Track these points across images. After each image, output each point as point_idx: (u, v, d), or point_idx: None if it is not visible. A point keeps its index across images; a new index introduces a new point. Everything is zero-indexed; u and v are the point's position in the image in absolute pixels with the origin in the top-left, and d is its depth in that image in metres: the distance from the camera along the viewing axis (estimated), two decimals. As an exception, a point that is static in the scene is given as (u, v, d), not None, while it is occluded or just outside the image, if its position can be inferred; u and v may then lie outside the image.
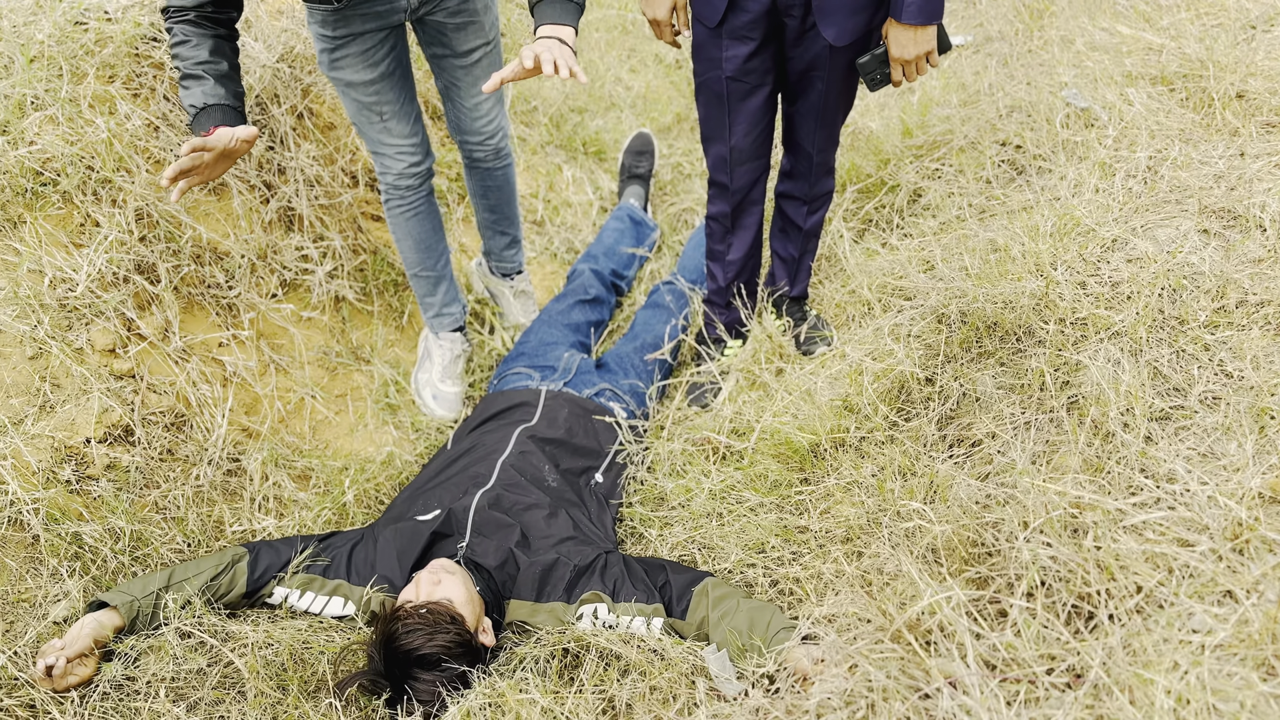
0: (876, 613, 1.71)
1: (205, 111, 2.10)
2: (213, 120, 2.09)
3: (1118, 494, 1.87)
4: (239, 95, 2.16)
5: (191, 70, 2.11)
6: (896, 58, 2.32)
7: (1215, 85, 2.75)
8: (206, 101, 2.10)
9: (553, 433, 2.62)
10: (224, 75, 2.13)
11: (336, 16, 2.43)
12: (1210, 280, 2.18)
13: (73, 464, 2.28)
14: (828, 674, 1.71)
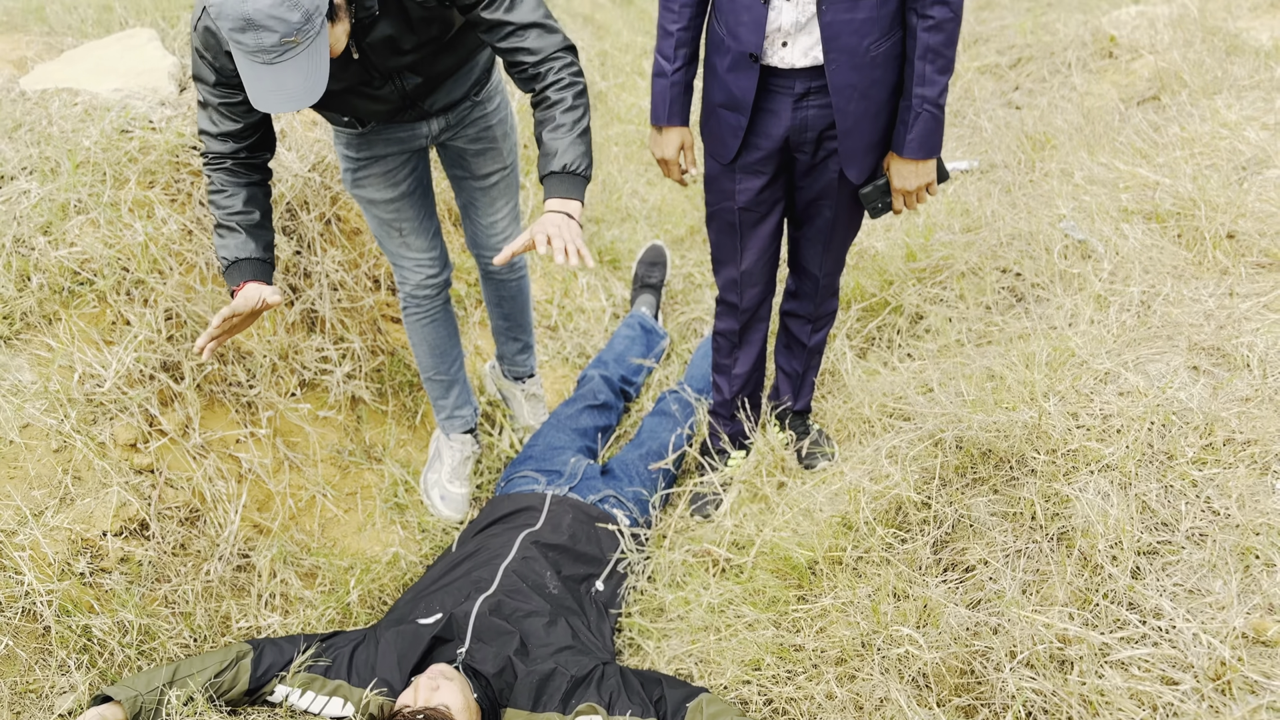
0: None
1: (237, 265, 2.23)
2: (244, 274, 2.22)
3: (1104, 627, 1.91)
4: (269, 245, 2.29)
5: (226, 221, 2.24)
6: (899, 188, 2.43)
7: (1207, 224, 2.86)
8: (239, 256, 2.22)
9: (556, 538, 2.68)
10: (255, 225, 2.26)
11: (361, 139, 2.56)
12: (1199, 417, 2.24)
13: (88, 556, 2.35)
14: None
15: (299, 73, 1.89)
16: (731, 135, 2.46)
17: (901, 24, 2.27)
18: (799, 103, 2.37)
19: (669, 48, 2.46)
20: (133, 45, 3.33)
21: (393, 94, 2.37)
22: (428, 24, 2.20)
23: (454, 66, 2.41)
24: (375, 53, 2.20)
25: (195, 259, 2.80)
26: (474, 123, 2.64)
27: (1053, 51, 4.65)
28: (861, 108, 2.32)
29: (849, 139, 2.36)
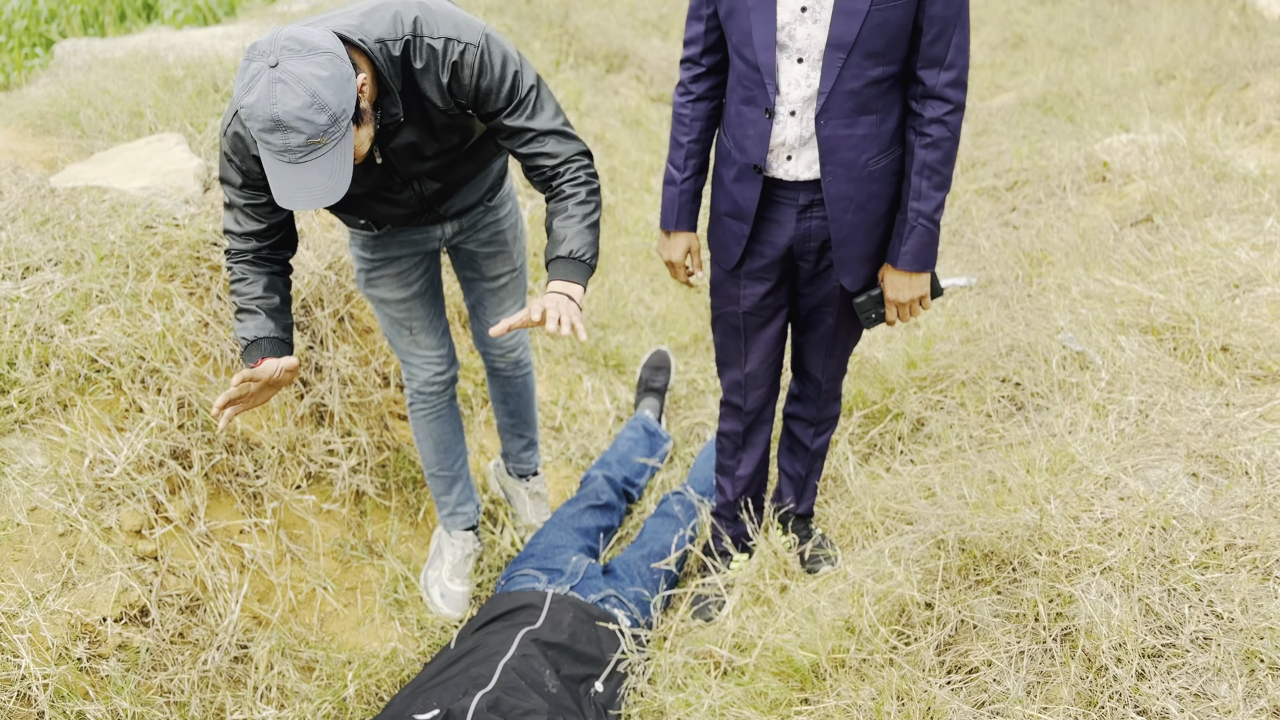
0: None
1: (255, 344, 2.27)
2: (261, 352, 2.26)
3: None
4: (288, 328, 2.34)
5: (246, 305, 2.30)
6: (892, 300, 2.49)
7: (1202, 338, 2.92)
8: (258, 335, 2.27)
9: (556, 637, 2.66)
10: (275, 309, 2.31)
11: (376, 241, 2.63)
12: (1199, 522, 2.26)
13: (86, 641, 2.34)
14: None
15: (323, 173, 1.96)
16: (735, 243, 2.54)
17: (901, 141, 2.37)
18: (803, 213, 2.45)
19: (680, 158, 2.56)
20: (161, 148, 3.46)
21: (411, 199, 2.45)
22: (450, 131, 2.29)
23: (471, 173, 2.51)
24: (398, 159, 2.28)
25: (210, 350, 2.85)
26: (486, 227, 2.72)
27: (1048, 175, 4.80)
28: (858, 219, 2.40)
29: (843, 248, 2.43)
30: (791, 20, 2.20)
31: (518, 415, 3.24)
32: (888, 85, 2.26)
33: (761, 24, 2.22)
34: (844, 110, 2.26)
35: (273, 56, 1.86)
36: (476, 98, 2.19)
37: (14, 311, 2.66)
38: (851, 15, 2.14)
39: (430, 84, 2.15)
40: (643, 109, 6.17)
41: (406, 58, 2.12)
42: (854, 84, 2.21)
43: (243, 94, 1.89)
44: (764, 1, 2.20)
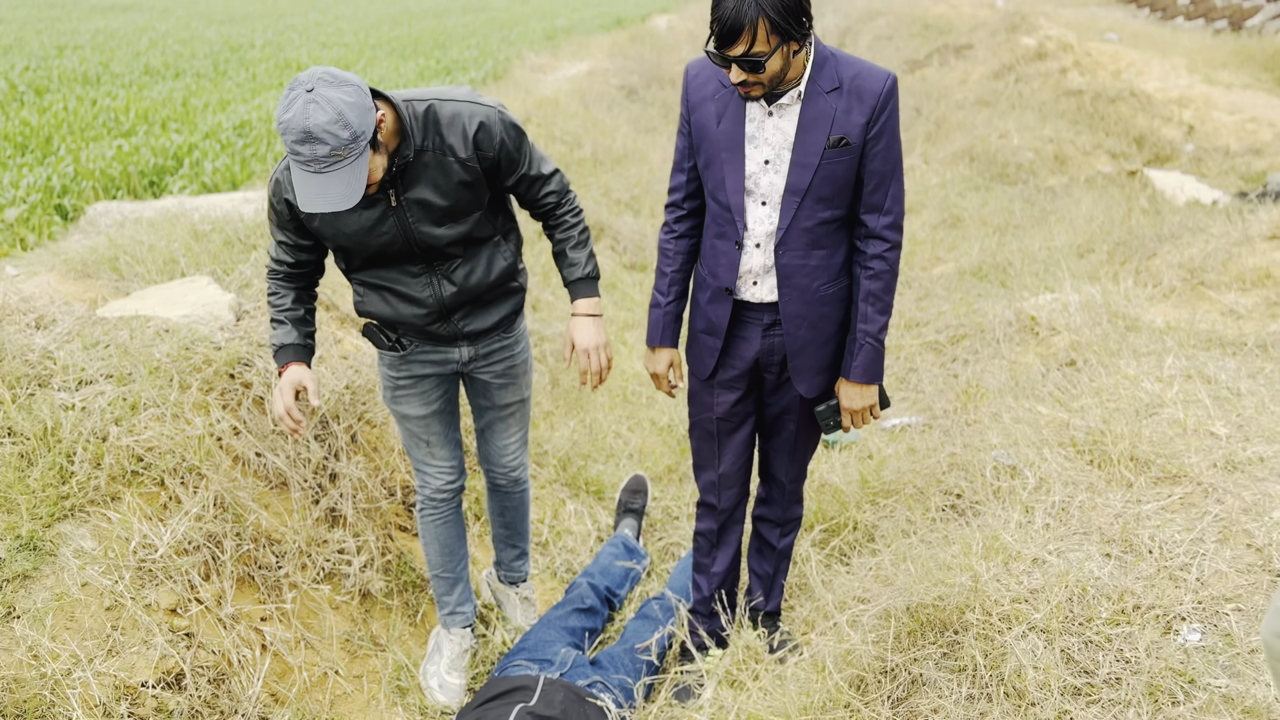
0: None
1: (283, 349, 2.84)
2: (287, 356, 2.84)
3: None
4: (310, 335, 2.92)
5: (277, 316, 2.86)
6: (846, 408, 2.91)
7: (1113, 449, 3.36)
8: (285, 342, 2.84)
9: (549, 712, 2.92)
10: (299, 320, 2.88)
11: (402, 361, 3.03)
12: (1110, 588, 2.63)
13: (128, 702, 2.59)
14: None
15: (341, 182, 2.39)
16: (709, 355, 2.98)
17: (848, 273, 2.85)
18: (767, 331, 2.90)
19: (664, 285, 3.01)
20: (194, 287, 3.89)
21: (430, 298, 2.84)
22: (460, 191, 2.70)
23: (487, 290, 2.92)
24: (410, 211, 2.69)
25: (242, 452, 3.20)
26: (501, 360, 3.11)
27: (983, 330, 5.34)
28: (810, 335, 2.85)
29: (797, 359, 2.87)
30: (757, 170, 2.70)
31: (512, 527, 3.56)
32: (836, 226, 2.75)
33: (733, 173, 2.72)
34: (799, 244, 2.74)
35: (310, 84, 2.33)
36: (501, 158, 2.73)
37: (71, 416, 3.01)
38: (805, 168, 2.65)
39: (456, 136, 2.64)
40: (618, 274, 6.74)
41: (431, 113, 2.63)
42: (807, 223, 2.70)
43: (282, 112, 2.34)
44: (735, 156, 2.72)
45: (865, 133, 2.64)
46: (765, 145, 2.68)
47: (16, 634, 2.53)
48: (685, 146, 2.86)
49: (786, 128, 2.67)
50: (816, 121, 2.64)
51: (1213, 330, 4.66)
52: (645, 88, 11.30)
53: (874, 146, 2.66)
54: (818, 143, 2.64)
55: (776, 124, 2.67)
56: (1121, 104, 10.32)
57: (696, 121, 2.79)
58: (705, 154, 2.77)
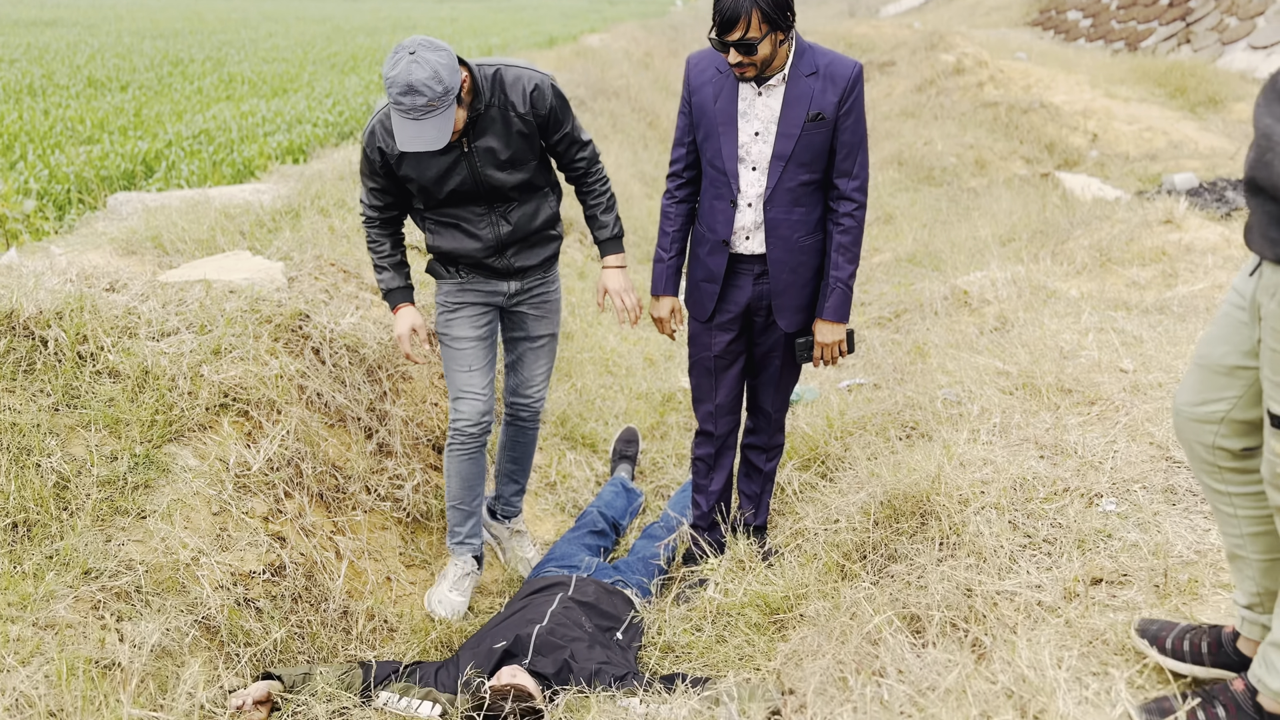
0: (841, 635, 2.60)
1: (392, 292, 3.50)
2: (396, 300, 3.51)
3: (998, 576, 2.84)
4: (408, 275, 3.55)
5: (380, 263, 3.50)
6: (819, 341, 3.50)
7: (1041, 383, 4.03)
8: (393, 286, 3.50)
9: (584, 598, 3.47)
10: (398, 264, 3.53)
11: (458, 288, 3.56)
12: (1045, 478, 3.28)
13: (243, 586, 3.08)
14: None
15: (434, 127, 3.02)
16: (709, 300, 3.55)
17: (822, 228, 3.45)
18: (757, 279, 3.49)
19: (667, 243, 3.59)
20: (241, 258, 4.37)
21: (490, 235, 3.42)
22: (520, 141, 3.32)
23: (535, 233, 3.49)
24: (479, 157, 3.29)
25: (312, 389, 3.70)
26: (540, 294, 3.69)
27: (922, 304, 6.04)
28: (790, 279, 3.44)
29: (780, 298, 3.46)
30: (748, 140, 3.30)
31: (519, 463, 4.06)
32: (813, 187, 3.36)
33: (729, 143, 3.32)
34: (783, 202, 3.34)
35: (412, 47, 2.96)
36: (550, 117, 3.33)
37: (165, 359, 3.49)
38: (789, 137, 3.26)
39: (517, 94, 3.26)
40: (587, 265, 7.32)
41: (497, 75, 3.25)
42: (790, 184, 3.31)
43: (389, 69, 2.97)
44: (730, 128, 3.31)
45: (838, 110, 3.26)
46: (755, 119, 3.28)
47: (150, 528, 3.01)
48: (686, 124, 3.44)
49: (773, 105, 3.28)
50: (798, 100, 3.25)
51: (1118, 297, 5.41)
52: (593, 99, 11.93)
53: (845, 121, 3.28)
54: (799, 117, 3.25)
55: (765, 102, 3.28)
56: (1033, 114, 11.24)
57: (697, 102, 3.38)
58: (704, 128, 3.36)
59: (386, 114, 3.20)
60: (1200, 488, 2.11)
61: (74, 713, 2.39)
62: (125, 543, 2.95)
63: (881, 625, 2.65)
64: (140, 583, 2.85)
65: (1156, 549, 2.85)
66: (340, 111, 12.94)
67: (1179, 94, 13.47)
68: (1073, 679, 2.29)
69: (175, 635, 2.77)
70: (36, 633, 2.57)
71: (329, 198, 5.63)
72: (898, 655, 2.52)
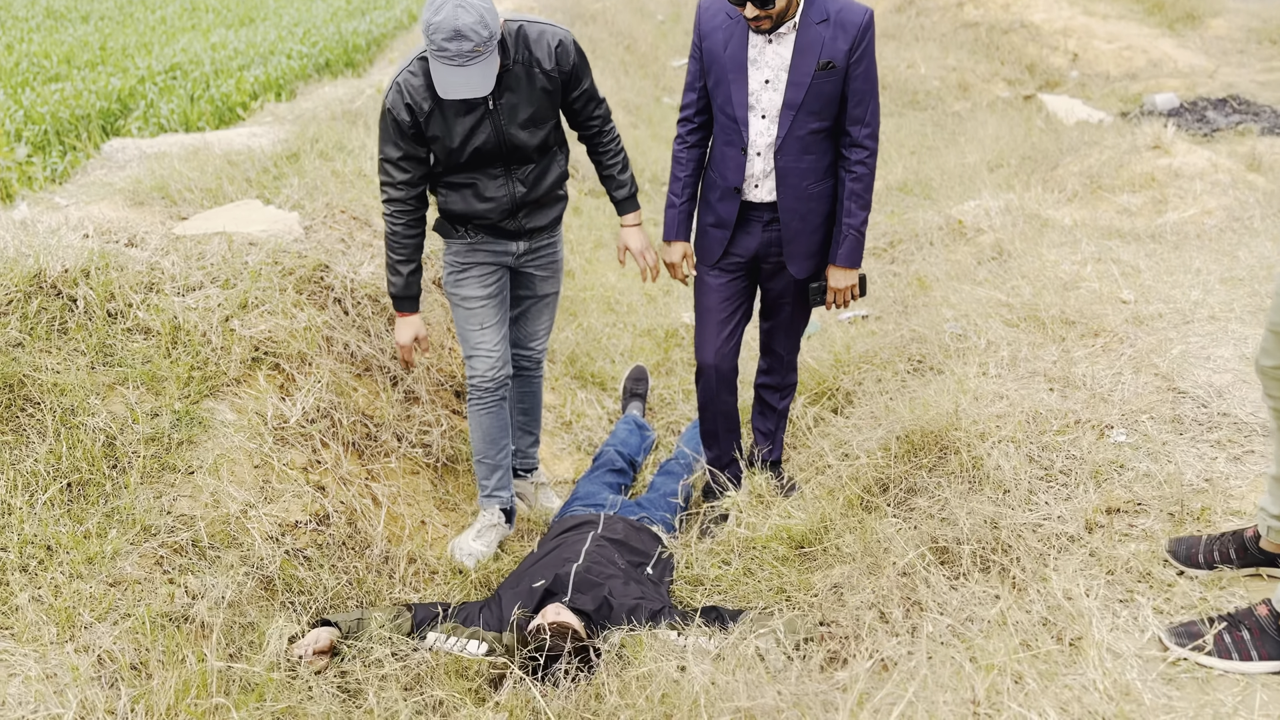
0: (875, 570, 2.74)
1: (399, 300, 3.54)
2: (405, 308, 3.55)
3: (1022, 509, 2.99)
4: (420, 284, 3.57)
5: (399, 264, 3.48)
6: (832, 286, 3.56)
7: (1046, 315, 4.16)
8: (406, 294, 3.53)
9: (614, 536, 3.60)
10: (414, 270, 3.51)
11: (467, 248, 3.58)
12: (1057, 410, 3.42)
13: (290, 536, 3.18)
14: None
15: (479, 74, 3.04)
16: (718, 245, 3.60)
17: (833, 174, 3.50)
18: (767, 226, 3.54)
19: (679, 188, 3.63)
20: (253, 209, 4.38)
21: (505, 197, 3.42)
22: (542, 98, 3.32)
23: (546, 194, 3.52)
24: (504, 115, 3.29)
25: (337, 342, 3.76)
26: (546, 254, 3.72)
27: (917, 234, 6.14)
28: (800, 225, 3.49)
29: (790, 245, 3.51)
30: (759, 89, 3.33)
31: (530, 413, 4.11)
32: (823, 135, 3.39)
33: (739, 90, 3.35)
34: (793, 150, 3.37)
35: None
36: (572, 73, 3.34)
37: (194, 315, 3.53)
38: (799, 86, 3.29)
39: (542, 50, 3.26)
40: (581, 200, 7.35)
41: (521, 31, 3.25)
42: (800, 132, 3.34)
43: (433, 15, 2.97)
44: (740, 76, 3.34)
45: (849, 58, 3.29)
46: (765, 68, 3.31)
47: (198, 483, 3.09)
48: (697, 69, 3.46)
49: (784, 53, 3.31)
50: (808, 48, 3.28)
51: (1111, 225, 5.53)
52: (569, 25, 11.77)
53: (856, 69, 3.31)
54: (809, 66, 3.28)
55: (775, 50, 3.31)
56: (1013, 35, 11.25)
57: (707, 48, 3.40)
58: (715, 75, 3.38)
59: (414, 70, 3.17)
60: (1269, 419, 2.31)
61: (157, 667, 2.50)
62: (177, 498, 3.03)
63: (915, 561, 2.79)
64: (198, 536, 2.94)
65: (1168, 478, 3.01)
66: (314, 42, 12.70)
67: (1156, 10, 13.48)
68: (1103, 607, 2.45)
69: (237, 588, 2.88)
70: (108, 590, 2.66)
71: (327, 140, 5.61)
72: (935, 589, 2.67)
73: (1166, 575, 2.57)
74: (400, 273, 3.44)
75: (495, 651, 3.13)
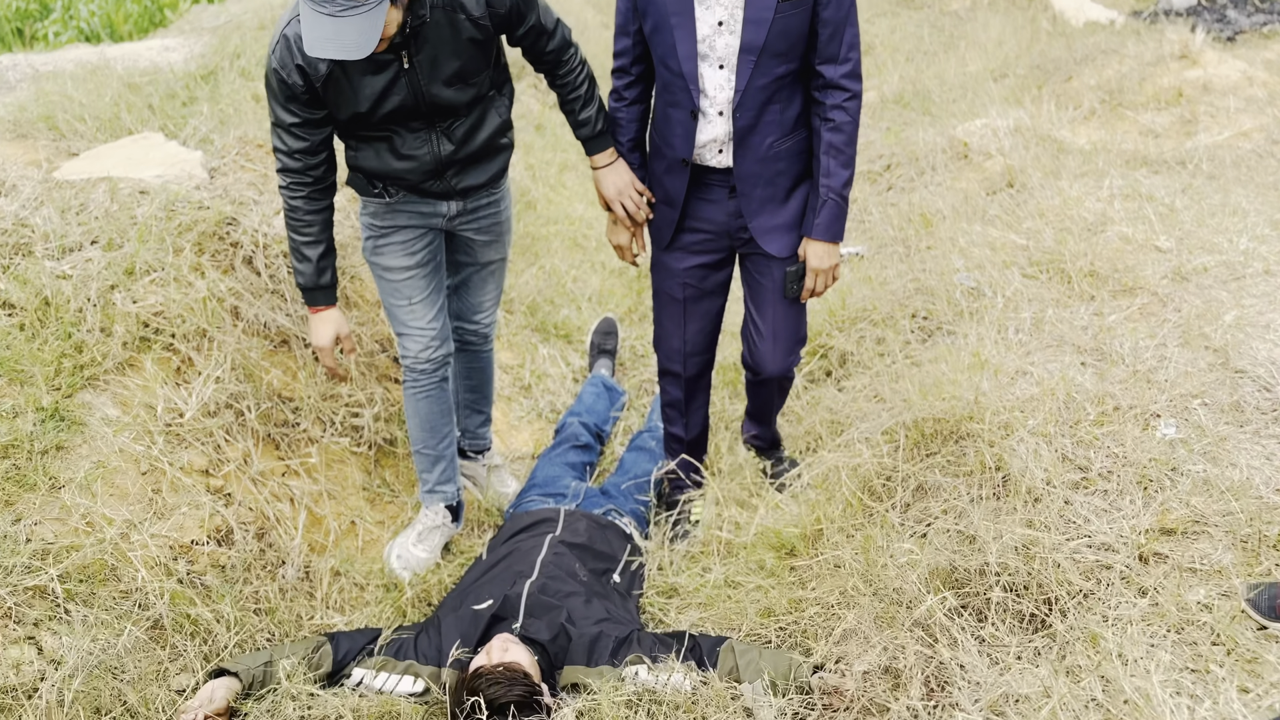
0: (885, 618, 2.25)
1: (311, 292, 2.88)
2: (316, 301, 2.89)
3: (1057, 529, 2.50)
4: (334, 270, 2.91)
5: (304, 248, 2.82)
6: (813, 267, 2.89)
7: (1072, 266, 3.61)
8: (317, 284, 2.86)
9: (576, 539, 3.10)
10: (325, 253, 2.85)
11: (387, 209, 2.93)
12: (1092, 393, 2.91)
13: (185, 560, 2.66)
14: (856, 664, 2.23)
15: (356, 30, 2.31)
16: (667, 225, 2.97)
17: (805, 125, 2.81)
18: (732, 194, 2.88)
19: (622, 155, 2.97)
20: (152, 145, 3.74)
21: (427, 155, 2.77)
22: (470, 49, 2.65)
23: (482, 148, 2.87)
24: (422, 73, 2.62)
25: (246, 312, 3.18)
26: (487, 215, 3.07)
27: (916, 157, 5.53)
28: (766, 193, 2.83)
29: (756, 219, 2.86)
30: (710, 33, 2.65)
31: (479, 390, 3.52)
32: (789, 79, 2.71)
33: (684, 39, 2.66)
34: (754, 104, 2.70)
35: None
36: (510, 13, 2.65)
37: (69, 285, 2.94)
38: (759, 24, 2.60)
39: None
40: (545, 114, 6.67)
41: None
42: (762, 80, 2.66)
43: None
44: (685, 19, 2.64)
45: None
46: (717, 6, 2.61)
47: (66, 502, 2.55)
48: (628, 8, 2.77)
49: None
50: None
51: (1136, 151, 4.95)
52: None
53: None
54: None
55: None
56: (1015, -76, 10.40)
57: None
58: (652, 18, 2.69)
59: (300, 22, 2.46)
60: None
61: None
62: (38, 524, 2.49)
63: (934, 607, 2.30)
64: (66, 573, 2.41)
65: (1233, 488, 2.51)
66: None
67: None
68: (1172, 686, 1.97)
69: (108, 639, 2.36)
70: (-67, 662, 2.14)
71: (250, 55, 4.91)
72: (962, 646, 2.18)
73: (1247, 636, 2.09)
74: (307, 257, 2.80)
75: (432, 690, 2.65)
